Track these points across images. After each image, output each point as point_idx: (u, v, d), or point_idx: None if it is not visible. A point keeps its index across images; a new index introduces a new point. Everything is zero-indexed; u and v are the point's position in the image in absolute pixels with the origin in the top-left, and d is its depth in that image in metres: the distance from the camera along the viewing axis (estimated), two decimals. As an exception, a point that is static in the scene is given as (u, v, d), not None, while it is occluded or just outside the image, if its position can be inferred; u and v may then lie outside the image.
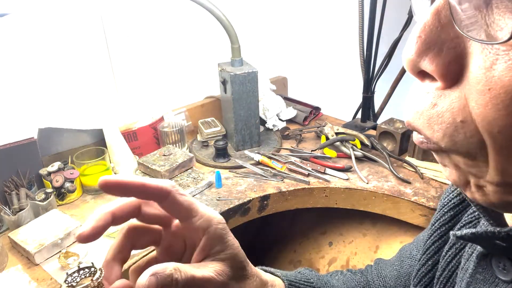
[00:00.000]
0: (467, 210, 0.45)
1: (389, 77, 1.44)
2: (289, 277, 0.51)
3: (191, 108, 1.32)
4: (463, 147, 0.26)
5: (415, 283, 0.49)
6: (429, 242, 0.48)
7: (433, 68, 0.25)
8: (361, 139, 1.14)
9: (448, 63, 0.25)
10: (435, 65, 0.25)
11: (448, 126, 0.26)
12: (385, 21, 1.32)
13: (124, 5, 1.15)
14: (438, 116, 0.26)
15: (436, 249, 0.47)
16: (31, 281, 0.76)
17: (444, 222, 0.47)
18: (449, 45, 0.24)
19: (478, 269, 0.36)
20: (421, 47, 0.25)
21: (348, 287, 0.60)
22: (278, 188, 1.02)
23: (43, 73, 1.06)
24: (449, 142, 0.26)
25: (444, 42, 0.25)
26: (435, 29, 0.25)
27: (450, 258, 0.44)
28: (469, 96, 0.24)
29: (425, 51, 0.25)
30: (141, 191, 0.35)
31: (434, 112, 0.26)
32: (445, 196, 0.48)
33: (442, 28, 0.24)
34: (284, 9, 1.56)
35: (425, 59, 0.25)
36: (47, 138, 1.04)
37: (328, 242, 1.18)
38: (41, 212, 0.92)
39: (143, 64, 1.25)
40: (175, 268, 0.36)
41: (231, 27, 1.07)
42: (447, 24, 0.24)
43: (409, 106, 0.29)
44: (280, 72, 1.59)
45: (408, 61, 0.27)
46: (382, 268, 0.63)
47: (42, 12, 1.02)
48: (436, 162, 1.08)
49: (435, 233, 0.47)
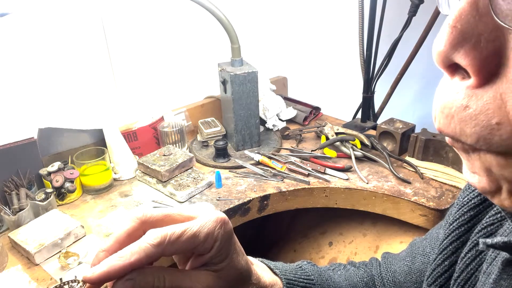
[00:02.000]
0: (488, 211, 0.43)
1: (389, 77, 1.44)
2: (288, 276, 0.50)
3: (191, 108, 1.32)
4: (499, 148, 0.24)
5: (429, 282, 0.48)
6: (446, 242, 0.46)
7: (469, 62, 0.23)
8: (361, 139, 1.14)
9: (486, 57, 0.22)
10: (471, 59, 0.23)
11: (483, 129, 0.24)
12: (385, 21, 1.32)
13: (124, 5, 1.15)
14: (471, 119, 0.24)
15: (454, 250, 0.45)
16: (31, 281, 0.76)
17: (463, 222, 0.45)
18: (488, 38, 0.22)
19: (503, 275, 0.35)
20: (457, 38, 0.23)
21: (350, 283, 0.58)
22: (278, 188, 1.02)
23: (43, 73, 1.06)
24: (484, 145, 0.24)
25: (482, 34, 0.22)
26: (472, 18, 0.22)
27: (469, 260, 0.42)
28: (507, 95, 0.22)
29: (461, 43, 0.23)
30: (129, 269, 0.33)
31: (466, 115, 0.24)
32: (465, 195, 0.46)
33: (481, 18, 0.22)
34: (284, 9, 1.56)
35: (460, 51, 0.23)
36: (47, 138, 1.04)
37: (328, 242, 1.18)
38: (41, 212, 0.92)
39: (143, 64, 1.25)
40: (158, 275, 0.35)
41: (231, 27, 1.07)
42: (486, 14, 0.22)
43: (438, 109, 0.27)
44: (280, 72, 1.59)
45: (440, 53, 0.24)
46: (391, 262, 0.62)
47: (42, 12, 1.01)
48: (436, 162, 1.07)
49: (453, 233, 0.46)
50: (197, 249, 0.37)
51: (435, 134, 1.04)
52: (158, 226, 0.37)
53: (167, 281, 0.35)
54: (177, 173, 1.05)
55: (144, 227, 0.37)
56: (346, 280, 0.59)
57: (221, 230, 0.37)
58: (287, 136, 1.27)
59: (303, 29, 1.66)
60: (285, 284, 0.48)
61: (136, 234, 0.37)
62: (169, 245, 0.34)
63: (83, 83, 1.14)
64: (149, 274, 0.35)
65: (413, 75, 1.57)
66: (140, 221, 0.37)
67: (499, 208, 0.41)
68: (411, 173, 1.04)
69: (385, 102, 1.53)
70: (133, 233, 0.37)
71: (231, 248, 0.39)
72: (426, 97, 2.19)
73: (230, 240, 0.39)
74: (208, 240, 0.37)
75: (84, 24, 1.09)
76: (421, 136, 1.03)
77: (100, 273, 0.33)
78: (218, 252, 0.37)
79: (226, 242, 0.38)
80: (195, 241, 0.36)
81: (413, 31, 1.32)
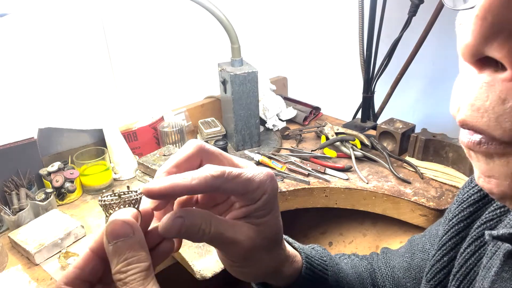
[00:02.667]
0: (488, 207, 0.43)
1: (389, 77, 1.44)
2: (306, 251, 0.51)
3: (191, 108, 1.32)
4: None
5: (428, 278, 0.48)
6: (445, 238, 0.46)
7: (504, 54, 0.22)
8: (361, 139, 1.14)
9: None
10: (507, 51, 0.21)
11: None
12: (385, 21, 1.32)
13: (124, 5, 1.15)
14: (511, 113, 0.22)
15: (453, 245, 0.45)
16: (31, 281, 0.76)
17: (463, 218, 0.45)
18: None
19: (505, 267, 0.35)
20: (488, 31, 0.21)
21: (356, 272, 0.59)
22: (278, 188, 1.02)
23: (43, 73, 1.06)
24: None
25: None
26: (503, 9, 0.21)
27: (468, 255, 0.42)
28: None
29: (493, 35, 0.21)
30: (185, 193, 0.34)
31: (506, 109, 0.23)
32: (465, 192, 0.46)
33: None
34: (284, 9, 1.56)
35: (494, 43, 0.22)
36: (47, 138, 1.04)
37: (328, 242, 1.18)
38: (41, 212, 0.92)
39: (143, 64, 1.25)
40: (206, 219, 0.35)
41: (231, 27, 1.07)
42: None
43: (463, 101, 0.25)
44: (280, 72, 1.59)
45: (467, 47, 0.23)
46: (390, 258, 0.62)
47: (42, 12, 1.01)
48: (436, 162, 1.07)
49: (453, 229, 0.46)
50: (247, 195, 0.37)
51: (435, 134, 1.04)
52: (213, 161, 0.38)
53: (213, 226, 0.35)
54: (177, 173, 1.05)
55: (201, 157, 0.38)
56: (352, 269, 0.59)
57: (270, 184, 0.38)
58: (287, 136, 1.27)
59: (303, 29, 1.66)
60: (304, 258, 0.49)
61: (193, 161, 0.38)
62: (227, 181, 0.35)
63: (83, 83, 1.14)
64: (198, 216, 0.35)
65: (413, 75, 1.57)
66: (198, 149, 0.38)
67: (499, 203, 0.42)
68: (411, 173, 1.04)
69: (385, 102, 1.53)
70: (191, 159, 0.38)
71: (275, 205, 0.40)
72: (426, 97, 2.19)
73: (276, 196, 0.39)
74: (259, 190, 0.37)
75: (84, 24, 1.09)
76: (421, 136, 1.03)
77: (162, 187, 0.33)
78: (264, 205, 0.38)
79: (273, 197, 0.39)
80: (248, 186, 0.36)
81: (413, 31, 1.32)
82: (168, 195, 0.33)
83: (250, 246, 0.38)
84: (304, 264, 0.49)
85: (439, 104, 2.00)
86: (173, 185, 0.33)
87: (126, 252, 0.31)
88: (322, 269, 0.51)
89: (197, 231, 0.34)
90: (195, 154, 0.38)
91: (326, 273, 0.52)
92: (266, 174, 0.38)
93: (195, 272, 0.81)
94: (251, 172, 0.37)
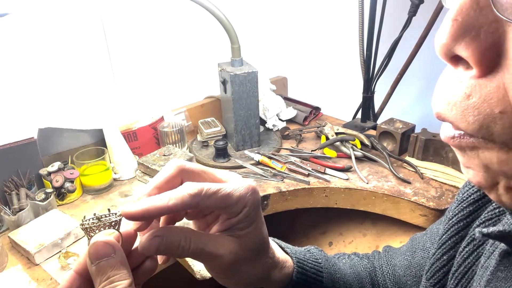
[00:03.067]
0: (487, 206, 0.44)
1: (389, 77, 1.44)
2: (298, 256, 0.51)
3: (191, 108, 1.32)
4: (500, 137, 0.25)
5: (428, 276, 0.48)
6: (445, 237, 0.47)
7: (469, 54, 0.24)
8: (361, 139, 1.14)
9: (486, 48, 0.23)
10: (472, 50, 0.24)
11: (486, 117, 0.24)
12: (385, 21, 1.32)
13: (124, 5, 1.15)
14: (474, 108, 0.25)
15: (453, 244, 0.46)
16: (31, 281, 0.76)
17: (462, 217, 0.45)
18: (488, 30, 0.23)
19: (500, 266, 0.36)
20: (458, 31, 0.24)
21: (354, 271, 0.59)
22: (278, 188, 1.02)
23: (43, 73, 1.06)
24: (486, 133, 0.25)
25: (482, 26, 0.23)
26: (472, 11, 0.23)
27: (467, 254, 0.43)
28: (509, 85, 0.23)
29: (462, 35, 0.24)
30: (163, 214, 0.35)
31: (470, 103, 0.25)
32: (464, 191, 0.47)
33: (481, 11, 0.23)
34: (284, 9, 1.56)
35: (461, 43, 0.24)
36: (47, 138, 1.04)
37: (328, 242, 1.18)
38: (41, 212, 0.92)
39: (143, 64, 1.25)
40: (185, 236, 0.36)
41: (231, 27, 1.07)
42: (485, 7, 0.23)
43: (439, 95, 0.27)
44: (280, 72, 1.59)
45: (442, 46, 0.25)
46: (391, 256, 0.62)
47: (42, 12, 1.01)
48: (436, 162, 1.07)
49: (452, 228, 0.46)
50: (227, 210, 0.38)
51: (435, 134, 1.04)
52: (194, 179, 0.39)
53: (192, 243, 0.36)
54: (177, 173, 1.05)
55: (182, 177, 0.39)
56: (350, 268, 0.59)
57: (251, 197, 0.39)
58: (287, 136, 1.27)
59: (303, 29, 1.66)
60: (295, 262, 0.50)
61: (174, 182, 0.39)
62: (205, 198, 0.36)
63: (83, 83, 1.14)
64: (176, 233, 0.36)
65: (413, 75, 1.57)
66: (179, 170, 0.39)
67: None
68: (411, 173, 1.04)
69: (385, 102, 1.54)
70: (172, 180, 0.39)
71: (257, 217, 0.41)
72: (426, 97, 2.19)
73: (257, 209, 0.40)
74: (239, 204, 0.38)
75: (84, 24, 1.09)
76: (421, 136, 1.03)
77: (139, 210, 0.34)
78: (246, 218, 0.39)
79: (254, 209, 0.40)
80: (227, 201, 0.37)
81: (413, 31, 1.32)
82: (146, 217, 0.35)
83: (232, 259, 0.38)
84: (295, 268, 0.49)
85: (439, 104, 2.00)
86: (150, 208, 0.34)
87: (108, 271, 0.33)
88: (316, 272, 0.52)
89: (177, 248, 0.35)
90: (176, 174, 0.39)
91: (321, 275, 0.52)
92: (247, 187, 0.39)
93: (195, 272, 0.81)
94: (231, 187, 0.38)
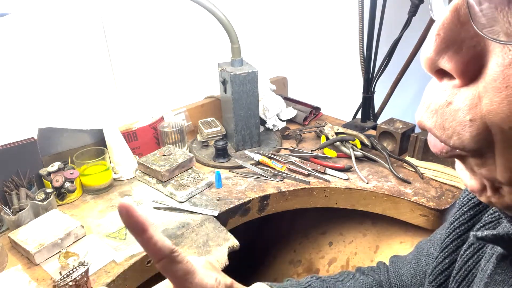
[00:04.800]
0: (487, 210, 0.44)
1: (389, 77, 1.44)
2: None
3: (191, 108, 1.32)
4: (469, 145, 0.26)
5: (430, 280, 0.49)
6: (447, 241, 0.48)
7: (452, 66, 0.25)
8: (361, 139, 1.14)
9: (467, 61, 0.24)
10: (454, 63, 0.25)
11: (458, 125, 0.26)
12: (385, 21, 1.32)
13: (124, 5, 1.15)
14: (451, 114, 0.26)
15: (454, 248, 0.47)
16: (31, 281, 0.76)
17: (464, 221, 0.46)
18: (469, 43, 0.24)
19: (497, 270, 0.36)
20: (440, 45, 0.25)
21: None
22: (278, 188, 1.02)
23: (43, 73, 1.06)
24: (457, 140, 0.26)
25: (463, 40, 0.24)
26: (454, 27, 0.24)
27: (467, 258, 0.43)
28: (483, 94, 0.24)
29: (444, 49, 0.25)
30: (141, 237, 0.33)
31: (448, 110, 0.26)
32: (465, 195, 0.47)
33: (462, 26, 0.24)
34: (284, 9, 1.56)
35: (444, 57, 0.25)
36: (47, 138, 1.04)
37: (328, 242, 1.18)
38: (41, 212, 0.92)
39: (143, 64, 1.25)
40: None
41: (231, 27, 1.07)
42: (466, 22, 0.24)
43: (422, 104, 0.29)
44: (280, 72, 1.59)
45: (427, 60, 0.26)
46: (398, 266, 0.63)
47: (42, 12, 1.02)
48: (436, 162, 1.08)
49: (454, 232, 0.47)
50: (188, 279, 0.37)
51: (435, 134, 1.04)
52: None
53: None
54: (177, 173, 1.05)
55: None
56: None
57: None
58: (287, 136, 1.27)
59: (303, 29, 1.66)
60: None
61: None
62: (177, 257, 0.35)
63: (83, 83, 1.14)
64: None
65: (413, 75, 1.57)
66: None
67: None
68: (411, 173, 1.04)
69: (385, 102, 1.54)
70: None
71: None
72: (426, 97, 2.19)
73: None
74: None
75: (84, 24, 1.09)
76: (421, 136, 1.03)
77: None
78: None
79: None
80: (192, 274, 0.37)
81: (413, 31, 1.32)
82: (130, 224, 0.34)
83: None
84: None
85: (439, 104, 2.00)
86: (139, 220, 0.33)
87: None
88: None
89: None
90: None
91: None
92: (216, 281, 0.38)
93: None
94: (201, 270, 0.37)
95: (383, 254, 1.05)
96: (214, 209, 0.95)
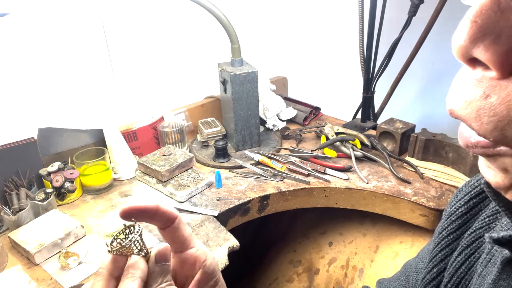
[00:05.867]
0: (476, 218, 0.44)
1: (389, 77, 1.44)
2: None
3: (191, 108, 1.32)
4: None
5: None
6: (435, 250, 0.48)
7: (489, 57, 0.23)
8: (361, 139, 1.14)
9: (507, 52, 0.22)
10: (491, 54, 0.23)
11: (501, 120, 0.24)
12: (385, 21, 1.32)
13: (124, 5, 1.15)
14: (490, 108, 0.24)
15: (443, 257, 0.47)
16: (31, 281, 0.76)
17: (452, 230, 0.46)
18: (509, 33, 0.22)
19: (502, 275, 0.36)
20: (476, 33, 0.23)
21: None
22: (278, 188, 1.02)
23: (43, 73, 1.06)
24: (498, 136, 0.24)
25: (502, 29, 0.22)
26: (493, 14, 0.22)
27: (459, 264, 0.43)
28: None
29: (480, 38, 0.23)
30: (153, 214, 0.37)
31: (486, 104, 0.24)
32: (452, 205, 0.47)
33: (502, 13, 0.22)
34: (284, 10, 1.56)
35: (480, 46, 0.23)
36: (47, 138, 1.04)
37: (328, 242, 1.18)
38: (41, 212, 0.92)
39: (143, 64, 1.25)
40: None
41: (231, 27, 1.07)
42: (507, 10, 0.22)
43: (455, 93, 0.27)
44: (280, 72, 1.59)
45: (459, 47, 0.24)
46: (387, 286, 0.62)
47: (42, 12, 1.02)
48: (436, 162, 1.07)
49: (443, 241, 0.47)
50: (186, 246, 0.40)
51: (435, 134, 1.04)
52: None
53: None
54: (177, 173, 1.05)
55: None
56: None
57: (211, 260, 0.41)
58: (287, 136, 1.27)
59: (303, 29, 1.66)
60: None
61: None
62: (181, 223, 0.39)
63: (83, 83, 1.14)
64: None
65: (413, 75, 1.57)
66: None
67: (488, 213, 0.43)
68: (411, 173, 1.04)
69: (385, 102, 1.54)
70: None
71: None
72: (426, 97, 2.19)
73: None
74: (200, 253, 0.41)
75: (84, 24, 1.09)
76: (421, 136, 1.03)
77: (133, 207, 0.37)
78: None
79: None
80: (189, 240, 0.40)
81: (413, 31, 1.32)
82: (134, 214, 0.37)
83: None
84: None
85: (439, 104, 2.00)
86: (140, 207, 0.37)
87: (168, 274, 0.37)
88: None
89: None
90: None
91: None
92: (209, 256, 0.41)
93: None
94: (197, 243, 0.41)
95: (383, 254, 1.05)
96: (214, 209, 0.95)
